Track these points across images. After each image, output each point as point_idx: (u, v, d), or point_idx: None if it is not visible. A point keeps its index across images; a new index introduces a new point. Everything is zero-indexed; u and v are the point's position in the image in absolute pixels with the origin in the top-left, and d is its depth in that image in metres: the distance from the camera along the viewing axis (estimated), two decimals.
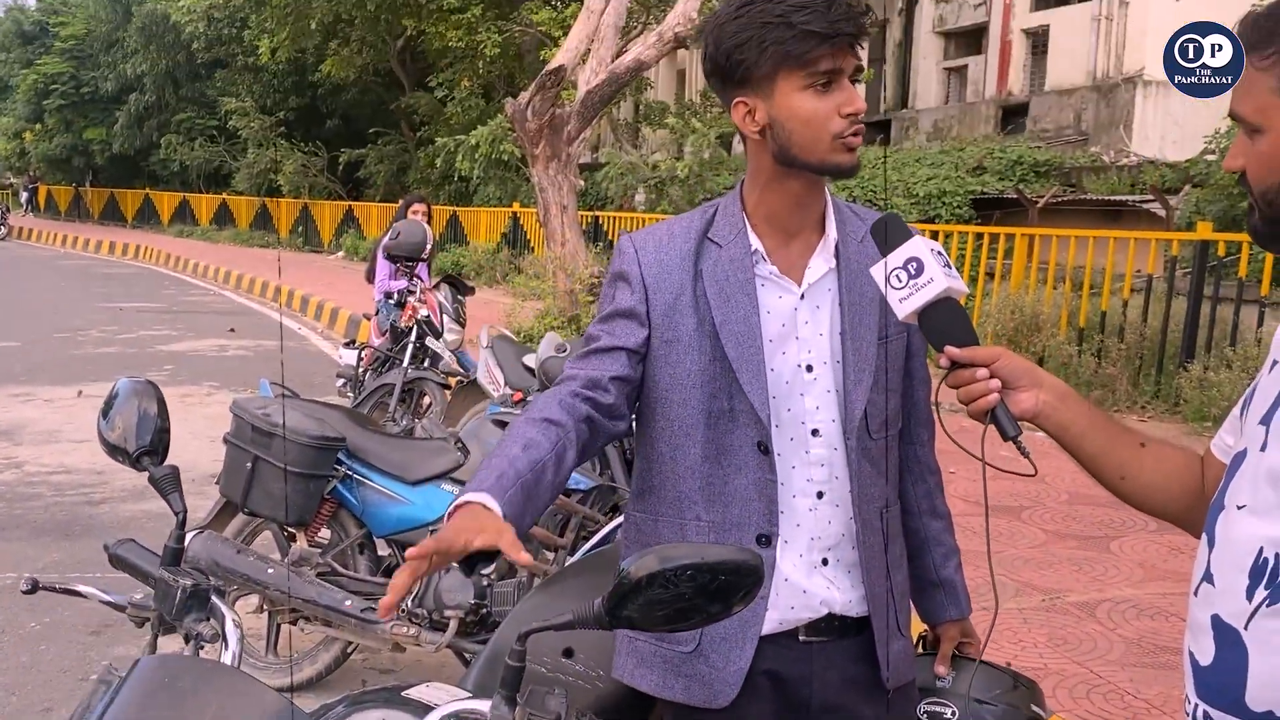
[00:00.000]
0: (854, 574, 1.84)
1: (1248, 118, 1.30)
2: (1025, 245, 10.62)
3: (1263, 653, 1.27)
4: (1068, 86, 18.46)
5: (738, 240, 1.83)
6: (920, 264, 1.58)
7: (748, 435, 1.80)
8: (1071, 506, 5.85)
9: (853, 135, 1.74)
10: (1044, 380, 1.55)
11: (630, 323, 1.84)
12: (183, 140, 34.71)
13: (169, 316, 16.23)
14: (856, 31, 1.71)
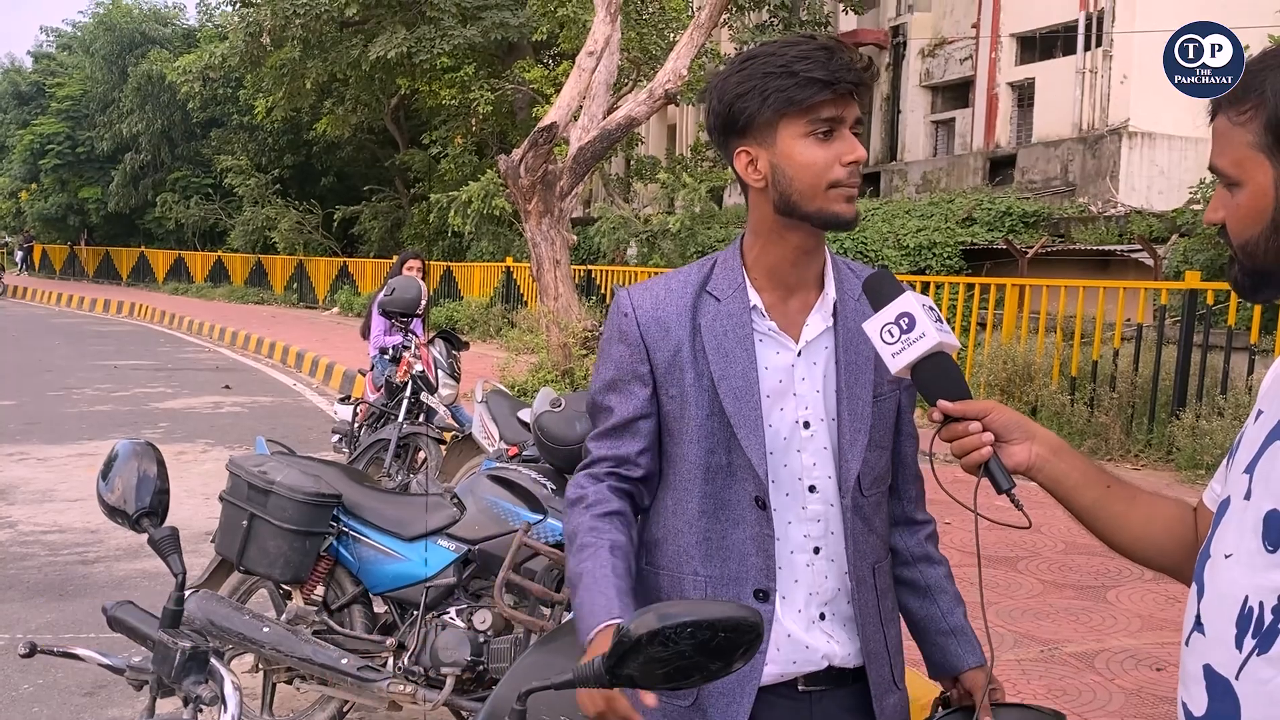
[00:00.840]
0: (849, 628, 1.84)
1: (1226, 171, 1.33)
2: (1016, 295, 10.70)
3: (1254, 703, 1.28)
4: (1054, 138, 18.68)
5: (736, 295, 1.84)
6: (912, 319, 1.60)
7: (745, 490, 1.80)
8: (1067, 556, 5.85)
9: (850, 185, 1.76)
10: (1037, 433, 1.56)
11: (635, 384, 1.85)
12: (178, 198, 34.94)
13: (163, 374, 16.22)
14: (857, 81, 1.73)
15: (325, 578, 4.11)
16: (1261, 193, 1.29)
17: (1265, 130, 1.28)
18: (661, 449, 1.88)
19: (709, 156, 21.92)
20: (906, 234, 14.27)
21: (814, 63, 1.70)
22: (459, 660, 3.78)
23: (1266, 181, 1.28)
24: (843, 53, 1.73)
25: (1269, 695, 1.27)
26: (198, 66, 26.97)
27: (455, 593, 3.96)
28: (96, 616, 5.41)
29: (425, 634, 3.89)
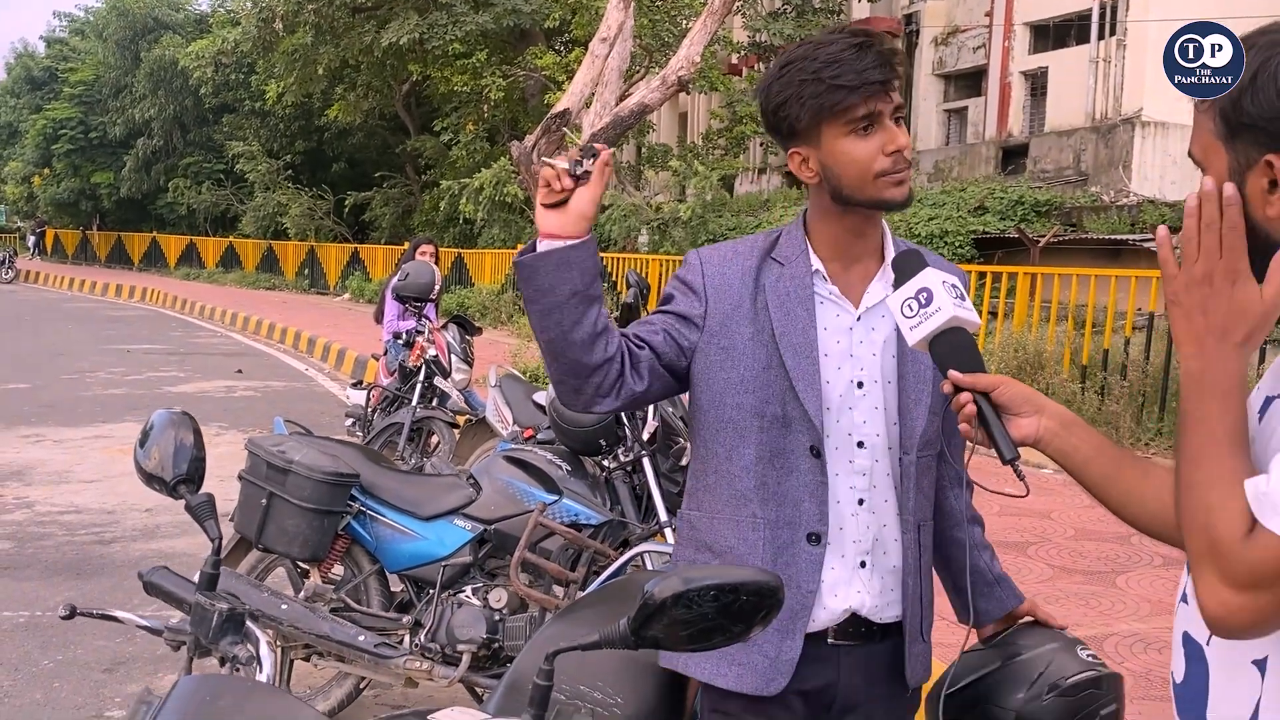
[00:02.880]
0: (888, 579, 1.95)
1: (1196, 158, 1.38)
2: (1027, 284, 10.70)
3: (1221, 668, 1.34)
4: (1067, 127, 18.63)
5: (800, 260, 1.96)
6: (930, 294, 1.66)
7: (801, 440, 1.91)
8: (1078, 542, 5.88)
9: (897, 171, 1.87)
10: (1046, 407, 1.59)
11: (683, 321, 1.97)
12: (190, 184, 35.02)
13: (176, 358, 16.31)
14: (884, 79, 1.83)
15: (343, 556, 4.16)
16: (1220, 179, 1.32)
17: (1220, 120, 1.32)
18: (703, 401, 1.98)
19: (720, 144, 21.91)
20: (919, 223, 14.26)
21: (841, 66, 1.81)
22: (475, 637, 3.83)
23: (1223, 169, 1.32)
24: (869, 50, 1.83)
25: (1233, 661, 1.31)
26: (210, 52, 27.03)
27: (471, 571, 4.01)
28: (114, 595, 5.50)
29: (441, 612, 3.94)
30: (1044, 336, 9.84)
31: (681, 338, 1.96)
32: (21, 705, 4.34)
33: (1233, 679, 1.32)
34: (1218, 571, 1.23)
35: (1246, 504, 1.23)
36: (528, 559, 3.73)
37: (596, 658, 2.09)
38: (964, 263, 12.99)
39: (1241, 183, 1.30)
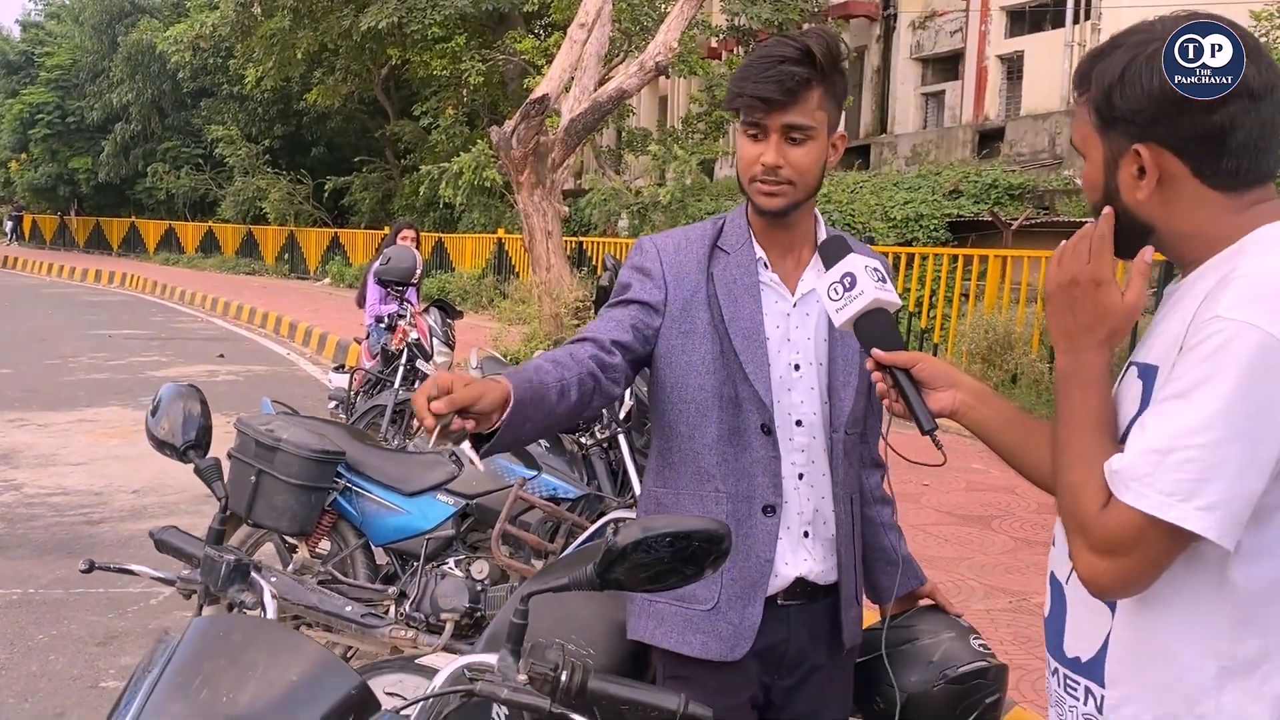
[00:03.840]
0: (827, 547, 2.11)
1: (1077, 147, 1.54)
2: (999, 266, 10.90)
3: (1077, 605, 1.53)
4: (1042, 111, 18.84)
5: (744, 249, 2.10)
6: (854, 278, 1.79)
7: (753, 419, 2.05)
8: (1039, 515, 6.08)
9: (765, 182, 2.02)
10: (961, 382, 1.72)
11: (640, 307, 2.08)
12: (169, 169, 34.89)
13: (157, 343, 16.38)
14: (771, 97, 1.96)
15: (329, 531, 4.31)
16: (1096, 167, 1.49)
17: (1094, 113, 1.48)
18: (666, 382, 2.10)
19: (700, 129, 22.03)
20: (894, 206, 14.43)
21: (747, 73, 1.99)
22: (458, 607, 3.99)
23: (1098, 158, 1.49)
24: (778, 66, 1.96)
25: (1087, 599, 1.49)
26: (188, 36, 26.92)
27: (454, 544, 4.17)
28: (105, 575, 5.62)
29: (425, 583, 4.09)
30: (1014, 318, 10.04)
31: (647, 328, 2.07)
32: (18, 677, 4.48)
33: (1087, 616, 1.51)
34: (1085, 541, 1.41)
35: (1104, 481, 1.40)
36: (508, 531, 3.89)
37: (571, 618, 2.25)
38: (938, 245, 13.19)
39: (1114, 170, 1.47)
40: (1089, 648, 1.52)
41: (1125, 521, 1.36)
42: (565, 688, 1.48)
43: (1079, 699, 1.53)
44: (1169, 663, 1.42)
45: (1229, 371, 1.31)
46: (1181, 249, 1.48)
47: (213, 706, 1.33)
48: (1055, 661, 1.59)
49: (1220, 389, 1.32)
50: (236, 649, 1.41)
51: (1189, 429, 1.33)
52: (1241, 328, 1.32)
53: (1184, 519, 1.32)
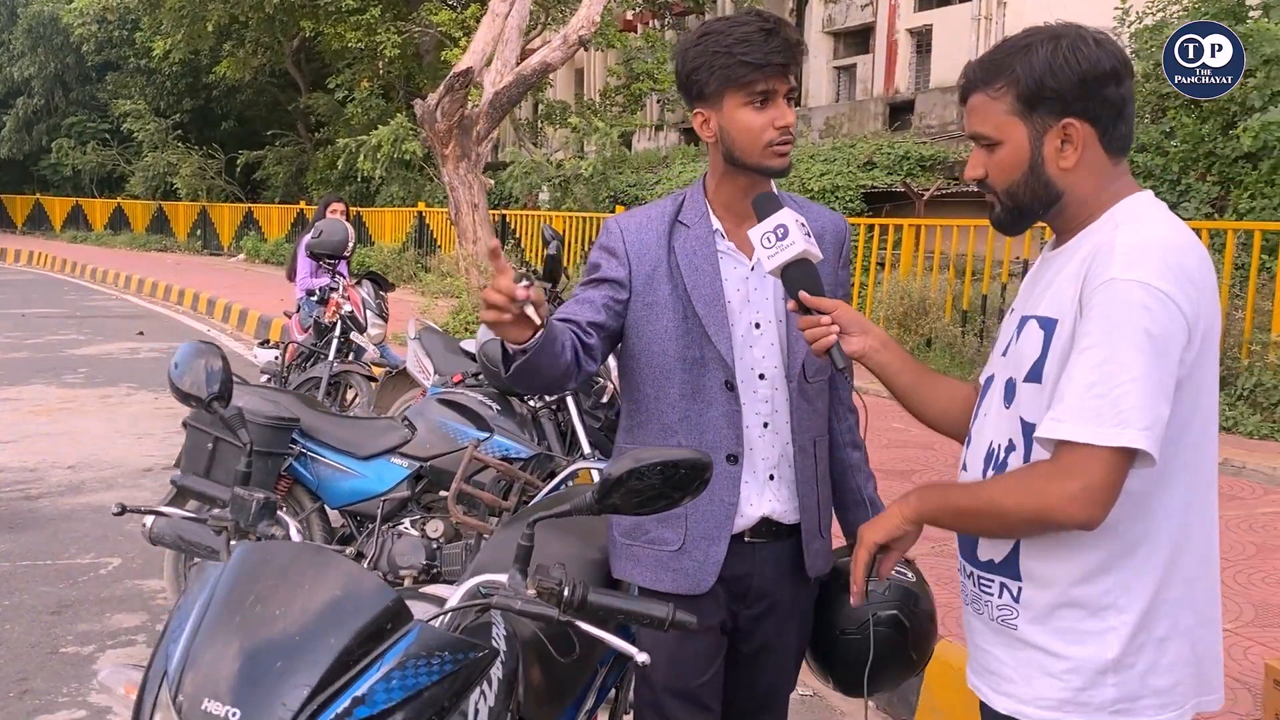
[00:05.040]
0: (791, 489, 2.30)
1: (989, 135, 1.79)
2: (913, 236, 11.28)
3: None
4: (950, 84, 19.26)
5: (702, 222, 2.27)
6: (786, 229, 2.02)
7: (716, 377, 2.23)
8: (956, 469, 6.41)
9: (782, 144, 2.18)
10: (870, 330, 2.01)
11: (611, 285, 2.25)
12: (74, 144, 34.05)
13: (74, 321, 16.14)
14: (786, 62, 2.14)
15: (285, 495, 4.46)
16: (1020, 148, 1.76)
17: (1017, 100, 1.75)
18: (634, 349, 2.27)
19: (618, 101, 22.16)
20: (811, 178, 14.77)
21: (750, 45, 2.12)
22: (415, 564, 4.15)
23: (1022, 138, 1.76)
24: (776, 36, 2.13)
25: None
26: (94, 8, 26.30)
27: (409, 505, 4.35)
28: (51, 545, 5.73)
29: (382, 542, 4.24)
30: (928, 284, 10.43)
31: (617, 304, 2.24)
32: None
33: None
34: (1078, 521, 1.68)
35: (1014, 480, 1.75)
36: (464, 490, 4.07)
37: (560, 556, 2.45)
38: (853, 216, 13.55)
39: (1040, 146, 1.75)
40: (1000, 550, 1.83)
41: (1090, 457, 1.64)
42: (569, 600, 1.69)
43: (993, 594, 1.85)
44: (1071, 554, 1.75)
45: (1133, 320, 1.64)
46: (1070, 215, 1.80)
47: (267, 619, 1.51)
48: (971, 566, 1.90)
49: (1130, 335, 1.64)
50: (283, 569, 1.59)
51: (1115, 370, 1.63)
52: (1134, 285, 1.64)
53: (1134, 441, 1.62)
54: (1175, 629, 1.76)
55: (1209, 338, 1.72)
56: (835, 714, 4.03)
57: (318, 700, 1.46)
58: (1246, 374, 7.63)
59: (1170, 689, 1.76)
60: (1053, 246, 1.86)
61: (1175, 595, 1.75)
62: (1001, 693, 1.85)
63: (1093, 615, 1.74)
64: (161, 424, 8.94)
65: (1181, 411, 1.69)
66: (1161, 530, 1.74)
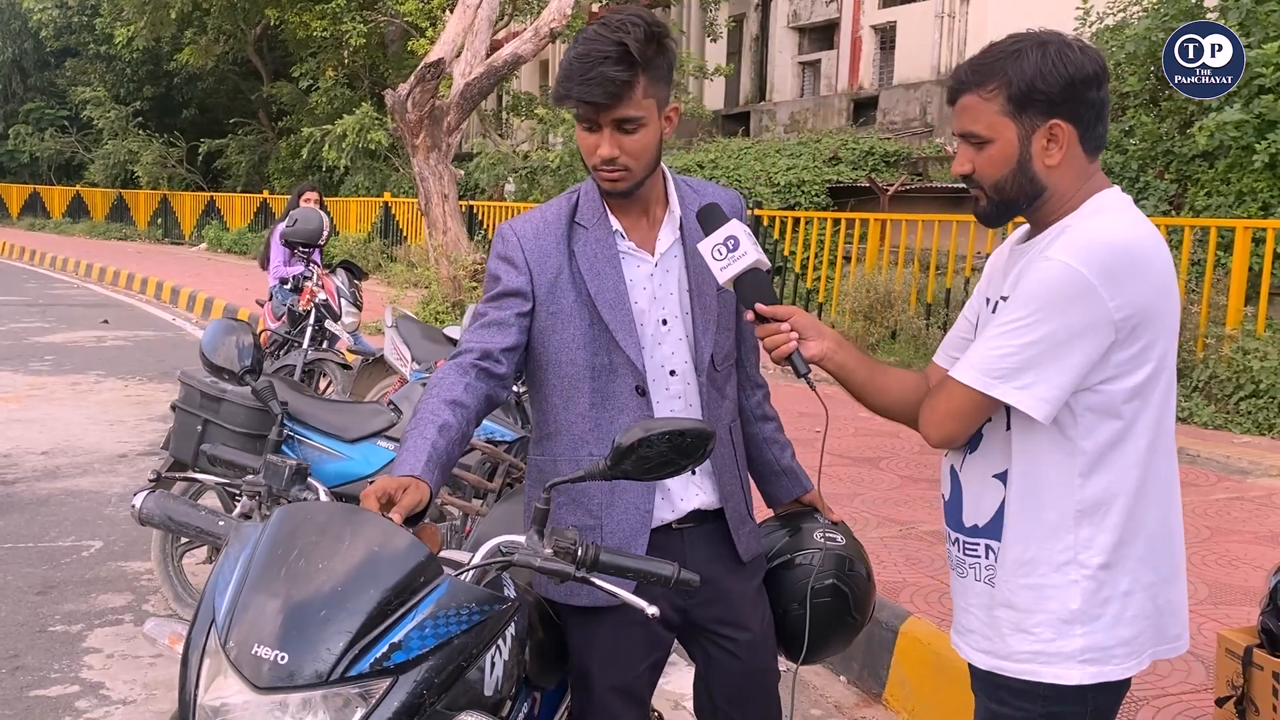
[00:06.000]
0: (712, 479, 2.29)
1: (980, 133, 1.91)
2: (878, 230, 11.48)
3: (969, 486, 2.02)
4: (914, 80, 19.56)
5: (600, 223, 2.20)
6: (736, 241, 2.01)
7: (627, 382, 2.19)
8: (922, 456, 6.60)
9: (605, 170, 2.12)
10: (826, 333, 2.04)
11: (516, 299, 2.18)
12: (32, 131, 33.68)
13: (37, 309, 16.03)
14: (596, 102, 2.05)
15: None
16: (1009, 145, 1.90)
17: (1008, 101, 1.88)
18: (540, 360, 2.22)
19: None
20: (777, 172, 14.94)
21: (571, 78, 2.07)
22: None
23: (1012, 137, 1.90)
24: (598, 66, 2.03)
25: (976, 481, 2.00)
26: None
27: None
28: (31, 528, 5.79)
29: None
30: (893, 278, 10.63)
31: (523, 318, 2.17)
32: None
33: (979, 493, 2.00)
34: (926, 435, 2.00)
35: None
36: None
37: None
38: (819, 210, 13.74)
39: (1028, 144, 1.89)
40: (985, 515, 2.00)
41: (962, 395, 1.91)
42: (583, 558, 1.82)
43: (980, 556, 2.01)
44: (1043, 513, 1.92)
45: (1050, 296, 1.82)
46: (1049, 209, 1.94)
47: (310, 572, 1.63)
48: (956, 533, 2.06)
49: (1039, 308, 1.82)
50: (322, 527, 1.70)
51: (1015, 332, 1.84)
52: (1062, 266, 1.81)
53: (1005, 395, 1.85)
54: (1137, 583, 1.92)
55: (1161, 320, 1.87)
56: (808, 688, 4.19)
57: (358, 646, 1.58)
58: (1202, 366, 7.87)
59: (1134, 638, 1.93)
60: (1023, 239, 2.00)
61: (1137, 553, 1.92)
62: (979, 649, 2.01)
63: (1055, 570, 1.90)
64: (132, 411, 8.97)
65: (1137, 381, 1.87)
66: (1119, 491, 1.90)
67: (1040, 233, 1.95)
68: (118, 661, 4.33)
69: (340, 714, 1.58)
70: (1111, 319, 1.81)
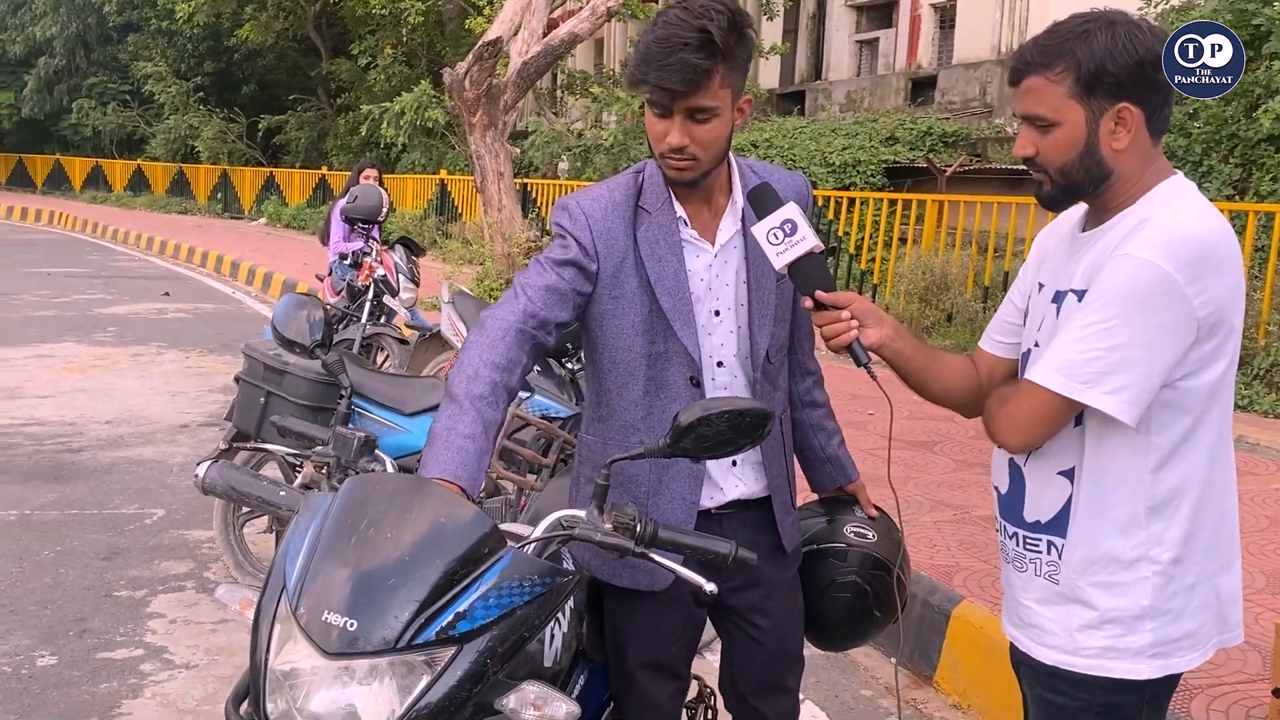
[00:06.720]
0: (756, 470, 2.28)
1: (1045, 116, 1.87)
2: (935, 211, 11.39)
3: (1033, 482, 1.99)
4: (974, 60, 19.30)
5: (665, 209, 2.16)
6: (794, 224, 1.96)
7: (681, 372, 2.17)
8: (976, 440, 6.56)
9: (673, 159, 2.08)
10: (885, 319, 2.01)
11: (580, 276, 2.13)
12: (95, 105, 34.21)
13: (99, 281, 16.34)
14: (674, 89, 2.00)
15: None
16: (1076, 128, 1.86)
17: (1076, 84, 1.84)
18: (597, 343, 2.20)
19: None
20: (833, 152, 14.84)
21: (648, 62, 2.02)
22: None
23: (1079, 120, 1.86)
24: (677, 52, 1.98)
25: (1040, 477, 1.97)
26: None
27: None
28: (96, 495, 5.92)
29: None
30: (950, 260, 10.53)
31: (582, 296, 2.13)
32: (33, 589, 4.75)
33: (1044, 488, 1.97)
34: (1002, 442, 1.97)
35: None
36: (506, 446, 4.24)
37: None
38: (875, 191, 13.64)
39: (1096, 127, 1.86)
40: (1048, 511, 1.97)
41: (1043, 399, 1.86)
42: (641, 534, 1.85)
43: (1041, 552, 1.99)
44: (1113, 510, 1.90)
45: (1136, 296, 1.78)
46: (1114, 193, 1.90)
47: (379, 541, 1.67)
48: (1014, 527, 2.03)
49: (1125, 308, 1.79)
50: (391, 497, 1.74)
51: (1102, 335, 1.79)
52: (1147, 265, 1.77)
53: (1094, 400, 1.81)
54: (1202, 575, 1.91)
55: (1236, 313, 1.85)
56: (858, 669, 4.20)
57: (425, 614, 1.62)
58: (1263, 354, 7.75)
59: (1197, 630, 1.92)
60: (1083, 226, 1.97)
61: (1202, 544, 1.91)
62: (1044, 644, 1.99)
63: (1125, 568, 1.89)
64: (194, 382, 9.14)
65: (1213, 377, 1.85)
66: (1190, 485, 1.88)
67: (1105, 219, 1.91)
68: (180, 627, 4.44)
69: (406, 681, 1.62)
70: (1195, 316, 1.78)
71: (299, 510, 1.85)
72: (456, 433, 1.96)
